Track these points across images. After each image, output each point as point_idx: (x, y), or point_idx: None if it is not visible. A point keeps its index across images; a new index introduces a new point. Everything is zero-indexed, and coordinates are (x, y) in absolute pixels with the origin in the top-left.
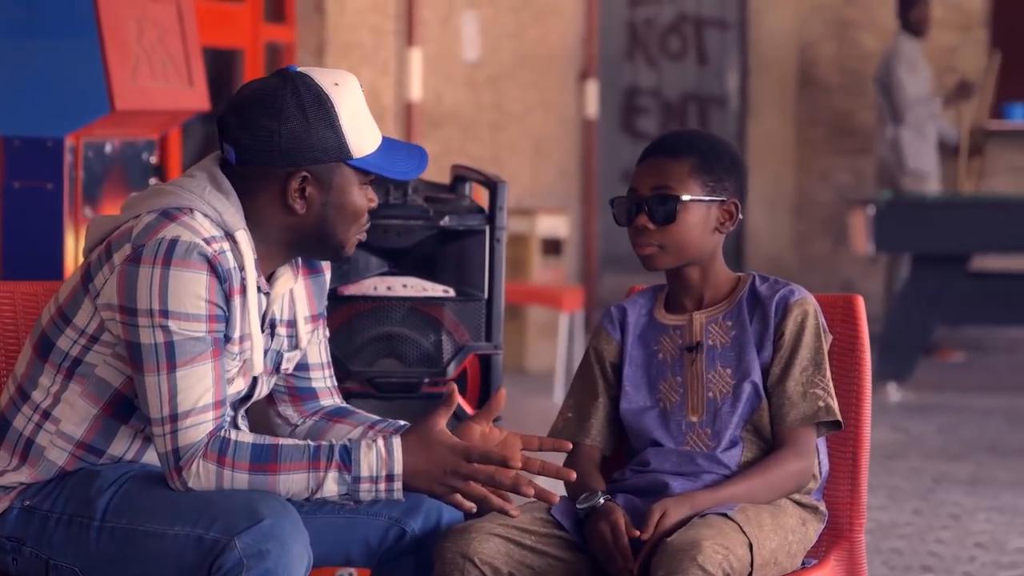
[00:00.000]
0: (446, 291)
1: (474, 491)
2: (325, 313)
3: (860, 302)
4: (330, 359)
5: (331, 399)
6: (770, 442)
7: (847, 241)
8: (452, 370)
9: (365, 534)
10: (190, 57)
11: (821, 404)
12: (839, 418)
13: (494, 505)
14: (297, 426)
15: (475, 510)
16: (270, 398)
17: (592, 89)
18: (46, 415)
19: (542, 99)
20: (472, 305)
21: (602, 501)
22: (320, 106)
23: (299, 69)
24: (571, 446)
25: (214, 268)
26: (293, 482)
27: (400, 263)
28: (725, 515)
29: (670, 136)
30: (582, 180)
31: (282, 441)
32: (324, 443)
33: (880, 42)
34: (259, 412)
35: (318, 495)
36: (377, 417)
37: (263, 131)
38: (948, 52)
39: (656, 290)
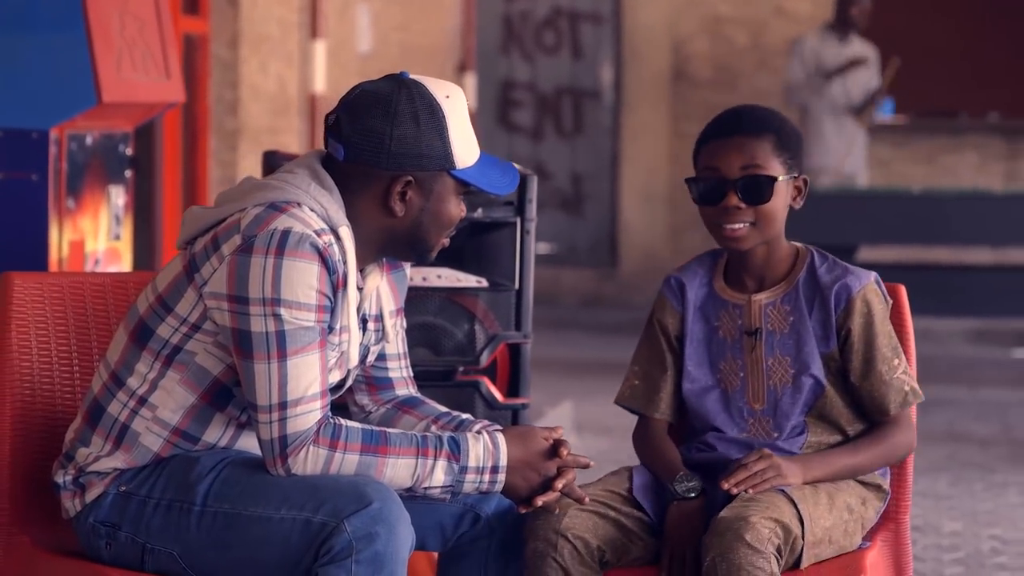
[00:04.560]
0: (479, 281)
1: (550, 497)
2: (403, 306)
3: (903, 291)
4: (406, 350)
5: (406, 388)
6: (836, 424)
7: None
8: (485, 359)
9: (440, 520)
10: (167, 49)
11: (907, 388)
12: (922, 397)
13: (536, 502)
14: (370, 413)
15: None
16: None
17: (470, 82)
18: (142, 401)
19: None
20: (502, 295)
21: (695, 494)
22: (432, 115)
23: (413, 77)
24: (592, 464)
25: (324, 259)
26: (400, 466)
27: None
28: (781, 491)
29: (745, 113)
30: None
31: (389, 429)
32: (430, 434)
33: (753, 38)
34: None
35: (424, 484)
36: (443, 409)
37: (375, 132)
38: None
39: (713, 258)
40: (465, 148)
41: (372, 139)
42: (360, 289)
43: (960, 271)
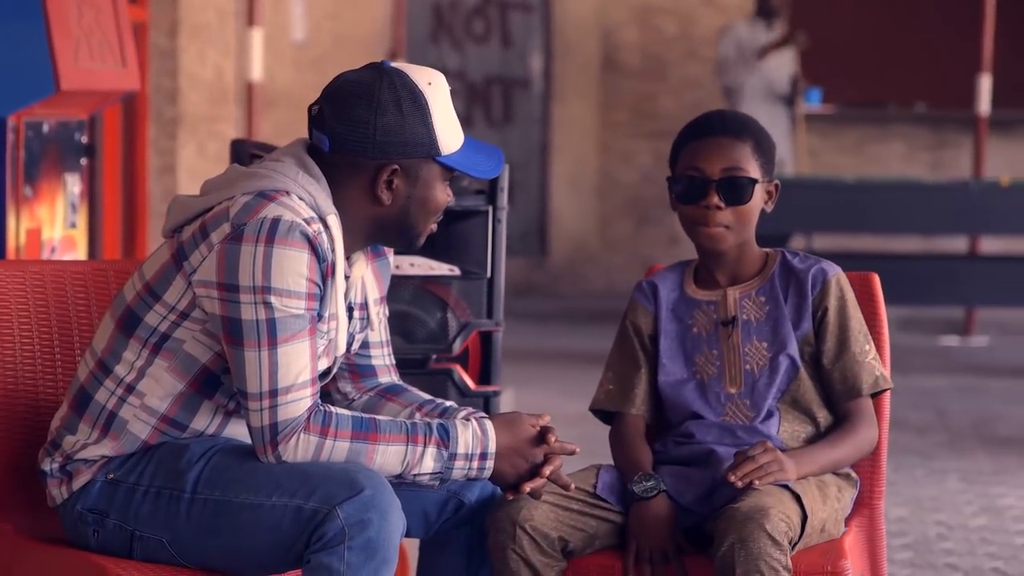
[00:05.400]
0: (451, 270)
1: (539, 483)
2: (386, 294)
3: (876, 279)
4: (389, 338)
5: (388, 376)
6: (807, 411)
7: (649, 222)
8: (457, 347)
9: (424, 506)
10: (123, 38)
11: (877, 373)
12: (891, 384)
13: (524, 488)
14: (353, 401)
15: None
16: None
17: None
18: (130, 389)
19: None
20: (474, 283)
21: (654, 493)
22: (415, 103)
23: (394, 65)
24: (578, 450)
25: (314, 247)
26: (390, 453)
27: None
28: (786, 486)
29: (727, 116)
30: None
31: (378, 416)
32: (419, 421)
33: (682, 28)
34: None
35: (413, 471)
36: (427, 397)
37: (360, 123)
38: None
39: (683, 266)
40: (449, 134)
41: (357, 129)
42: (347, 277)
43: (889, 259)
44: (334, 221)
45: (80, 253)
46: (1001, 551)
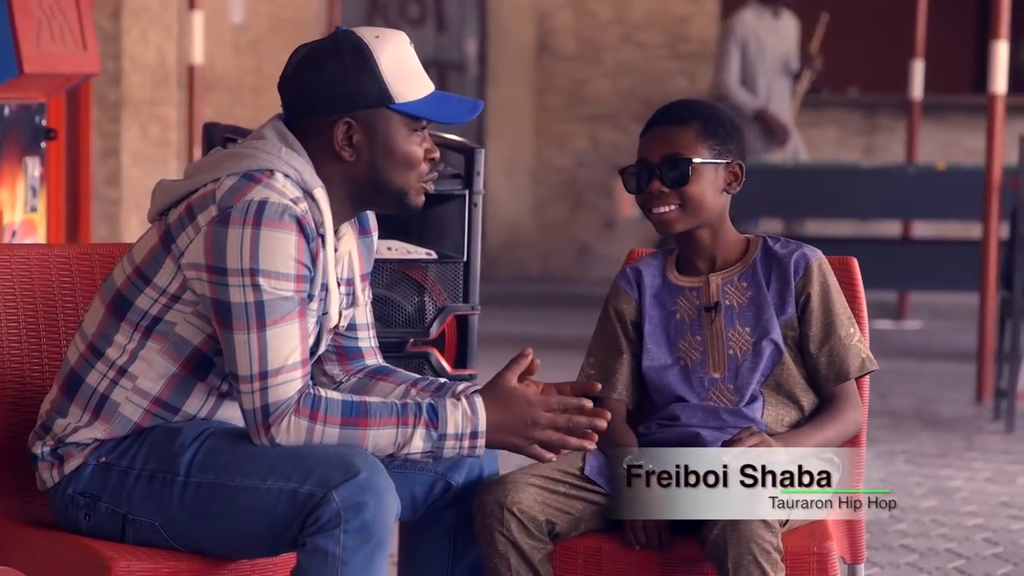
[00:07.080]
0: (428, 254)
1: (553, 438)
2: (370, 272)
3: (855, 263)
4: (373, 320)
5: (374, 358)
6: (791, 396)
7: (584, 206)
8: (435, 330)
9: (412, 488)
10: (83, 20)
11: (863, 356)
12: (877, 366)
13: (572, 445)
14: (340, 383)
15: (554, 459)
16: (317, 358)
17: None
18: (122, 372)
19: None
20: (450, 267)
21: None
22: (358, 55)
23: (347, 28)
24: (599, 387)
25: (302, 228)
26: (381, 437)
27: (379, 227)
28: None
29: (673, 105)
30: None
31: (368, 399)
32: (410, 401)
33: (616, 12)
34: None
35: (404, 451)
36: (417, 375)
37: (304, 82)
38: (680, 21)
39: (665, 253)
40: (404, 83)
41: (305, 91)
42: (336, 249)
43: (821, 243)
44: (321, 194)
45: (40, 237)
46: (953, 532)
